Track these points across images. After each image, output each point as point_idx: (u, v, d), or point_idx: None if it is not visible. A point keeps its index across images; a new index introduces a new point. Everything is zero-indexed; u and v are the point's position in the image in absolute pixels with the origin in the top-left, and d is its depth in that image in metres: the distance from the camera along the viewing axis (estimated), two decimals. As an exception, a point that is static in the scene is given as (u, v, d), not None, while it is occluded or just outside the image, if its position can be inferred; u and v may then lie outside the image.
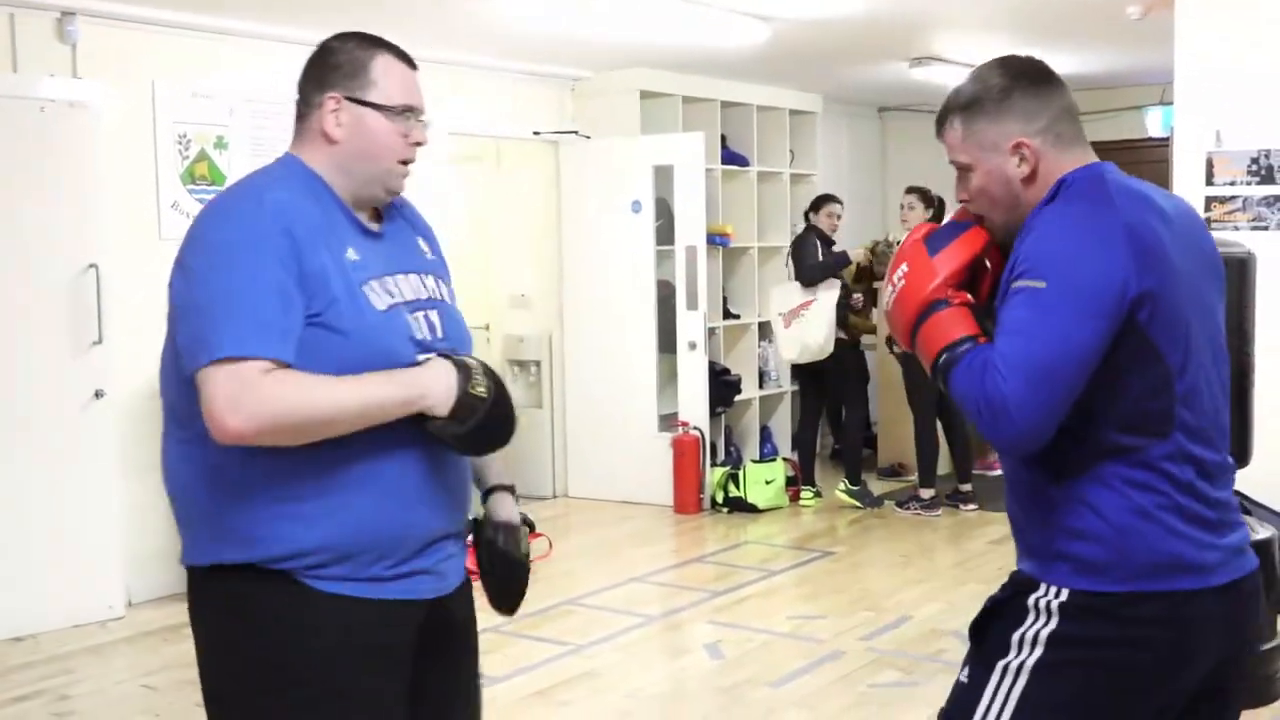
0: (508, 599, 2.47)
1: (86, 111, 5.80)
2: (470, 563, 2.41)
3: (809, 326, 7.83)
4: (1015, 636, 2.13)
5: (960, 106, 2.23)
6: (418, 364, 2.17)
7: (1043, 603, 2.12)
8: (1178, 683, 2.12)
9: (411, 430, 2.15)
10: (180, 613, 6.14)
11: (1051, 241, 2.04)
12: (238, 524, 2.16)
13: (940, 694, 4.91)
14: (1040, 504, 2.16)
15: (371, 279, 2.19)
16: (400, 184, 2.30)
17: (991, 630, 2.21)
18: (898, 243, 8.95)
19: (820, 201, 8.28)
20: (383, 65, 2.30)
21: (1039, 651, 2.10)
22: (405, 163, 2.28)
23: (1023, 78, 2.17)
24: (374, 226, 2.31)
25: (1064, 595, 2.11)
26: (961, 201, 2.27)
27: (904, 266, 2.25)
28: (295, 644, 2.15)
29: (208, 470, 2.19)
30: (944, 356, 2.13)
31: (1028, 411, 2.00)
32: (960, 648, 5.43)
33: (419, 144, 2.29)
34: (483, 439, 2.23)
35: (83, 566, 5.79)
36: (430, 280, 2.34)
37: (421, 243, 2.41)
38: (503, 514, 2.49)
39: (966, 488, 8.00)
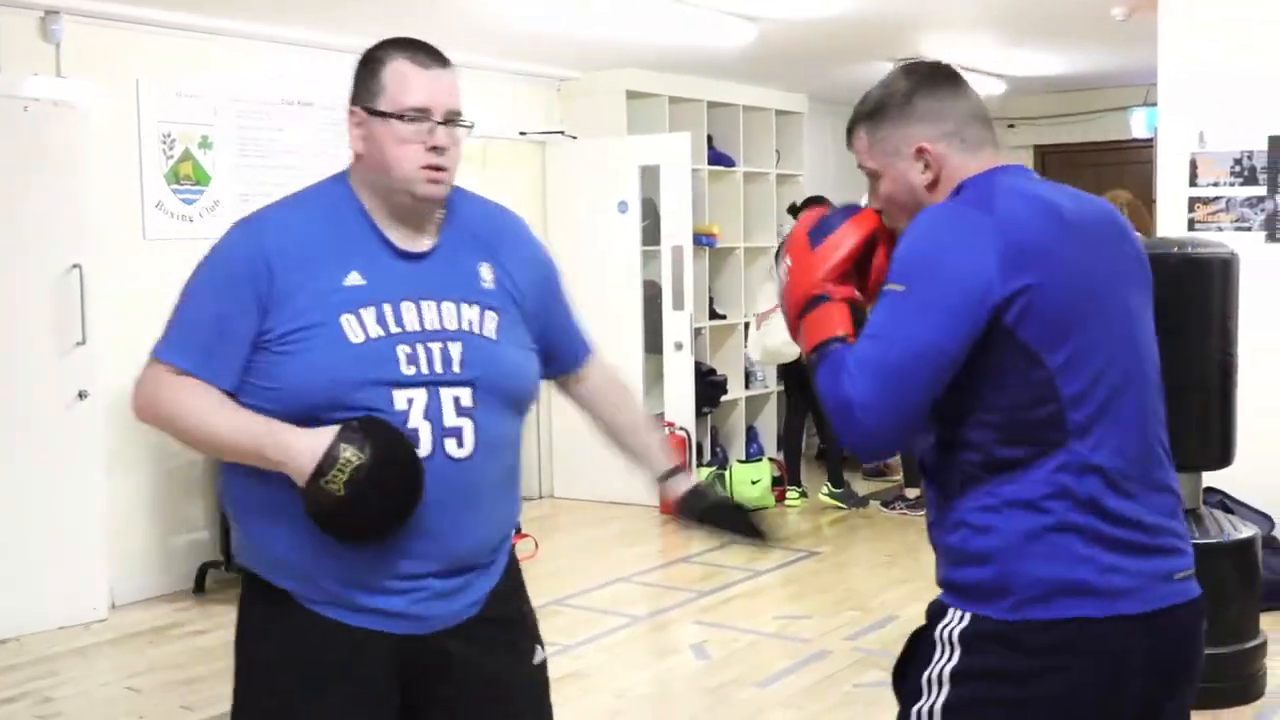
0: (753, 531, 2.50)
1: (70, 111, 5.78)
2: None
3: (771, 329, 7.82)
4: (924, 677, 2.03)
5: (866, 113, 2.18)
6: (389, 401, 2.14)
7: (946, 633, 2.01)
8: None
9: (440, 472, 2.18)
10: (165, 614, 6.16)
11: (915, 243, 1.99)
12: (242, 534, 2.32)
13: (925, 693, 4.91)
14: (939, 523, 2.07)
15: (366, 306, 2.17)
16: (427, 190, 2.21)
17: (909, 672, 2.09)
18: None
19: (812, 205, 8.27)
20: (392, 69, 2.23)
21: (945, 691, 1.99)
22: (430, 168, 2.21)
23: (926, 82, 2.12)
24: (418, 246, 2.26)
25: (964, 622, 1.99)
26: (874, 210, 2.21)
27: (787, 260, 2.21)
28: (257, 647, 2.30)
29: (228, 482, 2.31)
30: (813, 356, 2.08)
31: (873, 413, 1.95)
32: (945, 647, 5.43)
33: (435, 148, 2.20)
34: (330, 530, 2.12)
35: (67, 568, 5.76)
36: (472, 310, 2.26)
37: (484, 269, 2.31)
38: (682, 487, 2.52)
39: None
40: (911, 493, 7.93)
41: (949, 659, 2.00)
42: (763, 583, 6.46)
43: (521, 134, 8.27)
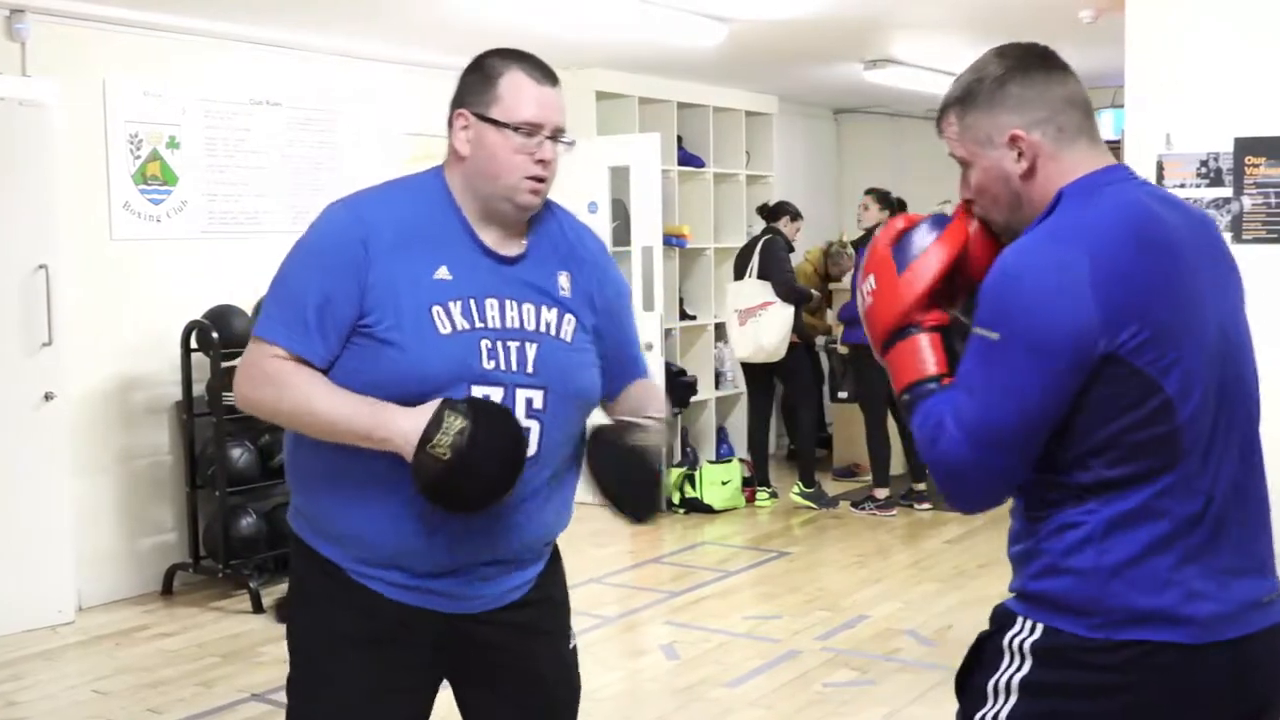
0: (630, 503, 2.38)
1: (36, 110, 5.73)
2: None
3: (765, 327, 7.84)
4: (990, 684, 1.99)
5: (956, 98, 2.03)
6: (450, 398, 2.17)
7: (1016, 642, 1.95)
8: None
9: None
10: (132, 617, 6.12)
11: (1009, 282, 1.86)
12: (300, 503, 2.40)
13: (896, 693, 4.97)
14: (1026, 534, 1.99)
15: (454, 300, 2.23)
16: (528, 200, 2.30)
17: (972, 679, 2.07)
18: (850, 244, 8.98)
19: (786, 211, 8.27)
20: (509, 81, 2.28)
21: (1013, 700, 1.95)
22: (533, 179, 2.29)
23: (1020, 65, 1.99)
24: (508, 250, 2.33)
25: (1037, 633, 1.93)
26: (966, 200, 2.08)
27: (871, 281, 2.07)
28: (310, 615, 2.41)
29: (294, 451, 2.38)
30: (906, 396, 2.02)
31: (975, 475, 1.91)
32: (916, 646, 5.49)
33: (543, 161, 2.29)
34: (438, 498, 2.17)
35: (33, 570, 5.72)
36: (550, 313, 2.32)
37: (563, 278, 2.37)
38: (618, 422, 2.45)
39: (921, 487, 8.04)
40: (881, 493, 7.95)
41: (1019, 668, 1.95)
42: (733, 583, 6.47)
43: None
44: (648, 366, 2.60)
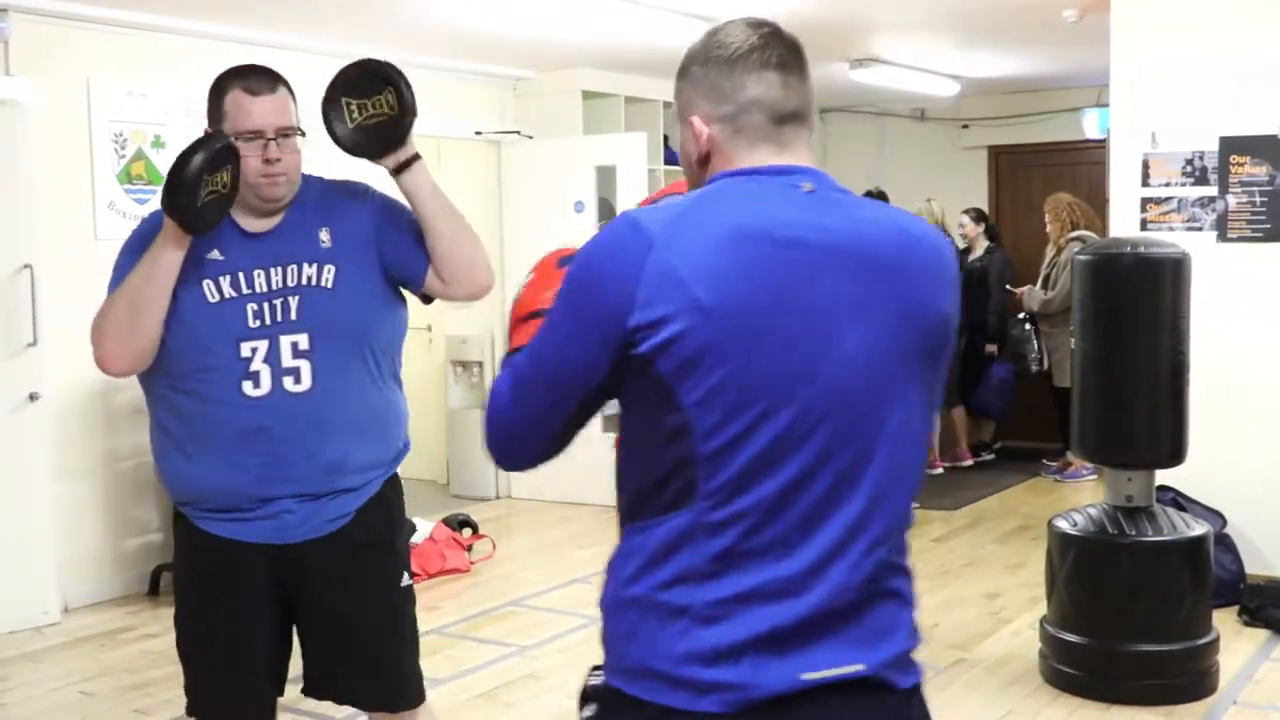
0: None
1: (20, 110, 5.71)
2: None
3: None
4: None
5: (681, 63, 1.90)
6: (235, 352, 2.69)
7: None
8: None
9: (250, 414, 2.67)
10: (118, 618, 6.08)
11: (580, 254, 1.76)
12: (158, 469, 2.93)
13: (882, 692, 4.92)
14: None
15: (224, 274, 2.71)
16: (271, 192, 2.73)
17: None
18: None
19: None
20: (231, 99, 2.74)
21: None
22: (266, 176, 2.71)
23: (731, 55, 1.83)
24: (258, 227, 2.77)
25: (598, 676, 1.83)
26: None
27: (530, 275, 2.01)
28: (176, 562, 2.98)
29: (151, 430, 2.89)
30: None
31: (505, 426, 1.83)
32: (902, 645, 5.45)
33: (269, 160, 2.70)
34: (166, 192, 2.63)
35: (17, 572, 5.69)
36: (310, 268, 2.75)
37: (324, 233, 2.79)
38: None
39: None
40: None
41: (583, 710, 1.90)
42: (720, 582, 6.46)
43: (477, 134, 8.24)
44: None
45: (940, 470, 8.98)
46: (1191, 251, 4.81)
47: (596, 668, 1.86)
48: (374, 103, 2.78)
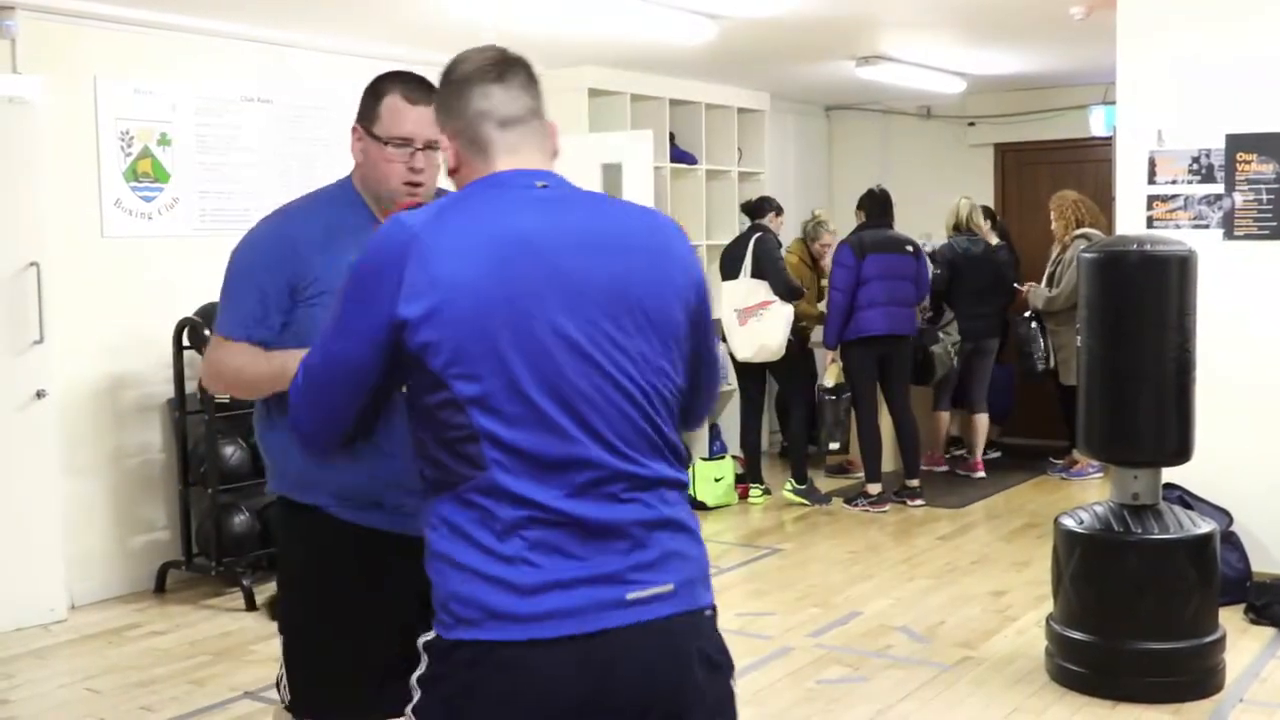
0: None
1: (26, 108, 5.72)
2: None
3: (767, 327, 7.82)
4: (413, 679, 2.05)
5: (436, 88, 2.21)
6: None
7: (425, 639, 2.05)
8: None
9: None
10: (124, 615, 6.10)
11: (360, 256, 2.05)
12: (272, 463, 2.90)
13: (888, 690, 4.97)
14: None
15: None
16: (409, 202, 2.66)
17: None
18: (825, 220, 8.94)
19: (771, 206, 8.25)
20: (388, 102, 2.74)
21: (415, 696, 2.04)
22: (409, 184, 2.74)
23: (461, 78, 2.12)
24: None
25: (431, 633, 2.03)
26: None
27: None
28: (294, 553, 2.95)
29: (261, 421, 2.87)
30: None
31: (299, 414, 2.11)
32: (908, 643, 5.49)
33: (413, 169, 2.73)
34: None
35: (24, 569, 5.71)
36: None
37: None
38: None
39: (914, 484, 8.05)
40: (874, 489, 7.95)
41: (422, 667, 2.07)
42: (725, 580, 6.47)
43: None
44: None
45: (944, 469, 8.98)
46: (1198, 249, 4.80)
47: None
48: None
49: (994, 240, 8.90)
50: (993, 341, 8.75)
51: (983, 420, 8.87)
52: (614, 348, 2.00)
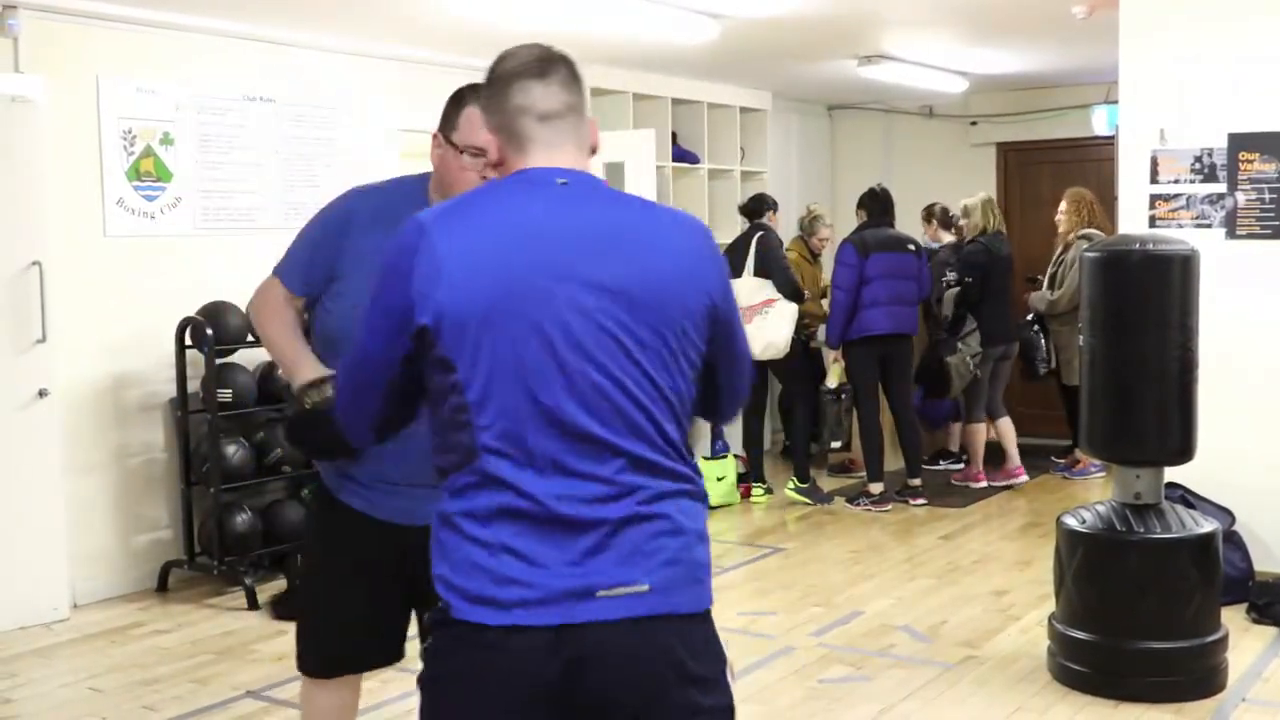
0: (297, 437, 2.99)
1: (29, 106, 5.72)
2: None
3: (772, 324, 7.82)
4: (420, 650, 2.16)
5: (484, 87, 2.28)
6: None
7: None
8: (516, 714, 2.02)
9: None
10: (127, 614, 6.10)
11: (384, 254, 2.13)
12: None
13: (891, 689, 4.97)
14: None
15: None
16: None
17: None
18: (821, 214, 8.89)
19: (768, 204, 8.23)
20: (468, 113, 2.80)
21: (421, 667, 2.13)
22: None
23: (500, 76, 2.18)
24: None
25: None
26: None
27: None
28: (317, 528, 3.20)
29: None
30: None
31: (342, 403, 2.26)
32: (910, 642, 5.48)
33: (487, 179, 2.69)
34: (289, 433, 2.99)
35: (27, 568, 5.71)
36: None
37: None
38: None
39: (916, 483, 8.05)
40: (876, 489, 7.95)
41: (428, 639, 2.18)
42: (727, 579, 6.47)
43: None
44: None
45: (942, 466, 8.96)
46: (1200, 248, 4.80)
47: None
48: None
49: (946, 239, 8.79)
50: (1014, 345, 8.56)
51: (1007, 424, 8.61)
52: (615, 342, 2.02)
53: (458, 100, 2.86)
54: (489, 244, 2.03)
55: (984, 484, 8.40)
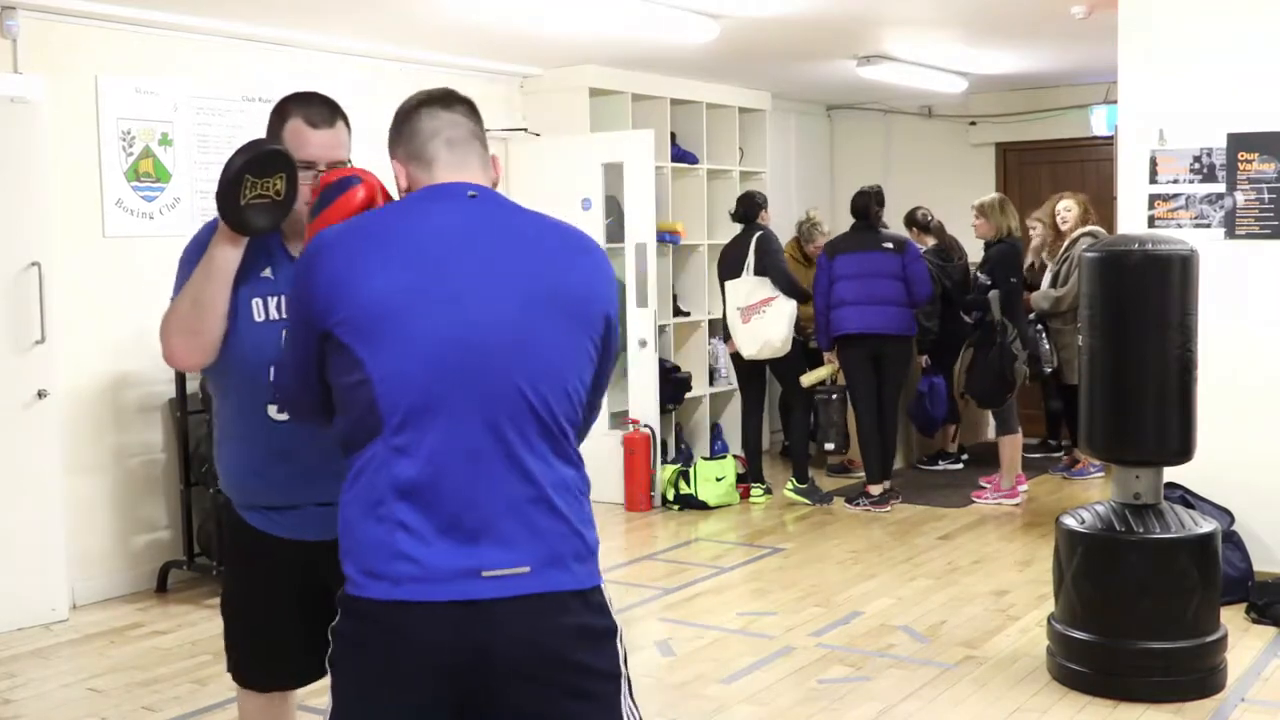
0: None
1: (28, 107, 5.72)
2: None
3: (770, 323, 7.82)
4: (329, 629, 2.28)
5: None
6: (266, 375, 2.75)
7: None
8: (406, 687, 2.14)
9: (274, 437, 2.79)
10: (126, 615, 6.10)
11: (296, 266, 2.36)
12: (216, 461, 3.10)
13: (890, 689, 4.97)
14: None
15: (272, 295, 2.79)
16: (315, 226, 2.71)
17: None
18: (819, 223, 8.85)
19: (761, 204, 8.21)
20: (291, 127, 2.80)
21: (330, 647, 2.26)
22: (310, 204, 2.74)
23: (409, 110, 2.39)
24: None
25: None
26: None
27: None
28: (224, 546, 3.32)
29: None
30: None
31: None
32: (910, 642, 5.49)
33: (317, 191, 2.72)
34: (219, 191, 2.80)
35: (26, 568, 5.71)
36: None
37: None
38: None
39: (876, 490, 7.95)
40: (875, 489, 7.95)
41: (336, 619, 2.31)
42: (727, 579, 6.47)
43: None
44: None
45: (942, 467, 8.96)
46: (1199, 248, 4.80)
47: None
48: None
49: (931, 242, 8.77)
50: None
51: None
52: (515, 334, 2.16)
53: (280, 113, 2.83)
54: (395, 245, 2.18)
55: (1018, 500, 7.96)
